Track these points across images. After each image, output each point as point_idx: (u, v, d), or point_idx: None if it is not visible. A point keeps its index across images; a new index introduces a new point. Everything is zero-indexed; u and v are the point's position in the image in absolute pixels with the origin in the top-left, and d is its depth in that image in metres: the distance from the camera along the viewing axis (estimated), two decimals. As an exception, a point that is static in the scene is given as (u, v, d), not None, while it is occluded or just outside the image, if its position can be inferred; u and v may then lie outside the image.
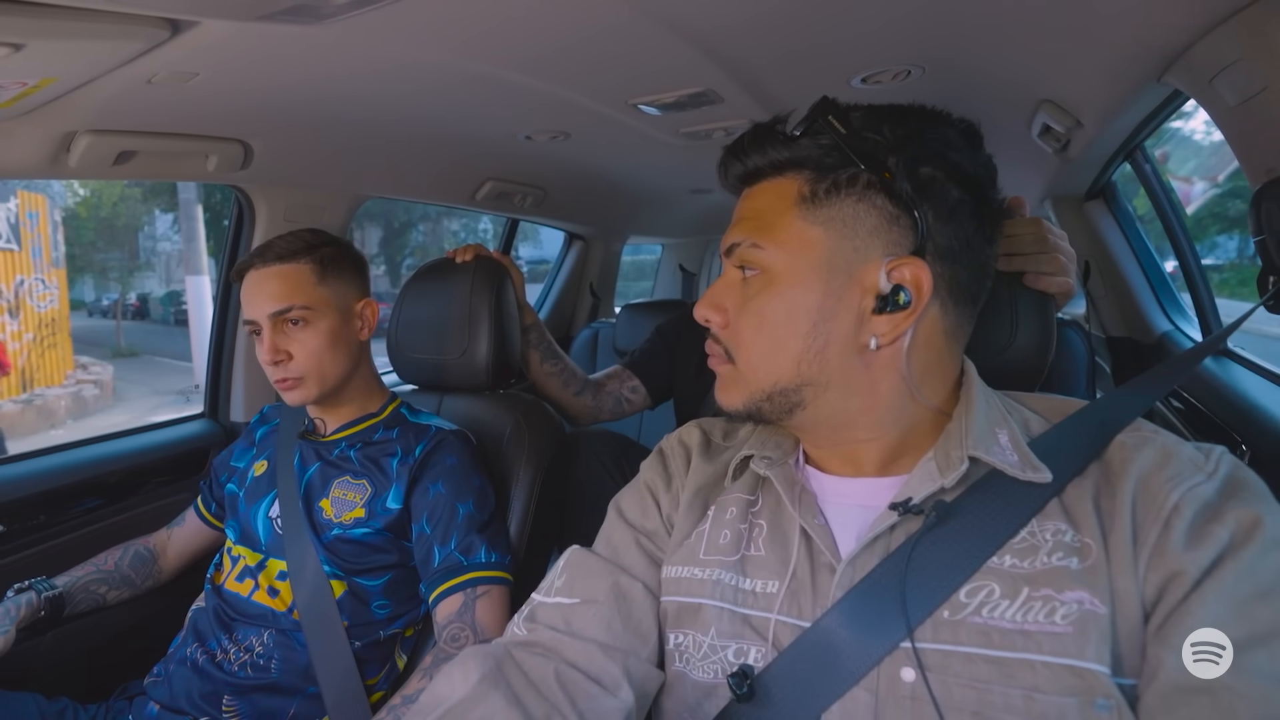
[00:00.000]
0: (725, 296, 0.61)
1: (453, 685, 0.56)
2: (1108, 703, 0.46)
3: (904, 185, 0.54)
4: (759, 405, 0.59)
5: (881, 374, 0.57)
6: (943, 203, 0.55)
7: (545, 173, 1.82)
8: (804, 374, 0.57)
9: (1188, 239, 1.69)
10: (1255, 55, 0.76)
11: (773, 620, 0.57)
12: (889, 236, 0.55)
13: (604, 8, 0.79)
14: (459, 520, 0.98)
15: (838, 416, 0.59)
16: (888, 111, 0.57)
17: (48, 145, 1.00)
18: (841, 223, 0.55)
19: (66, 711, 0.95)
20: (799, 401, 0.58)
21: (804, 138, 0.57)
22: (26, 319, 6.98)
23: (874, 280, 0.54)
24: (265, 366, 1.01)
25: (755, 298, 0.58)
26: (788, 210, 0.57)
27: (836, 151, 0.55)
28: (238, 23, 0.73)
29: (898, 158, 0.54)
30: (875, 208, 0.55)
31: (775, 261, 0.57)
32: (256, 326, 1.01)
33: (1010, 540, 0.52)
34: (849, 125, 0.55)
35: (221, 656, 0.97)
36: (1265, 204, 0.74)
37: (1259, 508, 0.48)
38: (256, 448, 1.15)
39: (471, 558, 0.96)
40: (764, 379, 0.58)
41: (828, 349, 0.56)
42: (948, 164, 0.55)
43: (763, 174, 0.60)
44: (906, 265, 0.54)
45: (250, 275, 1.02)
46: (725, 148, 0.62)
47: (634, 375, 1.44)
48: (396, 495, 1.00)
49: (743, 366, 0.59)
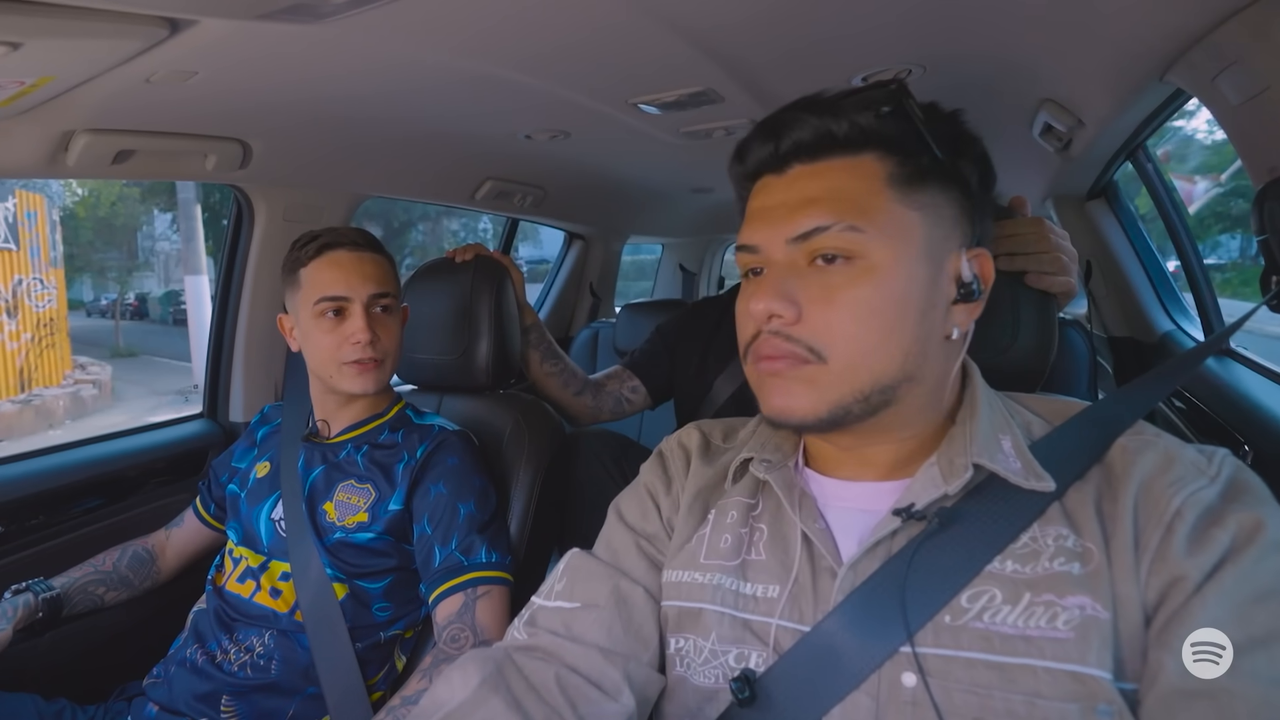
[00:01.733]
0: (797, 288, 0.54)
1: (453, 689, 0.56)
2: (1109, 708, 0.46)
3: (974, 178, 0.56)
4: (849, 408, 0.54)
5: (950, 366, 0.58)
6: (986, 201, 0.58)
7: (545, 172, 1.82)
8: (908, 368, 0.54)
9: (1190, 238, 1.69)
10: (1258, 54, 0.75)
11: (774, 625, 0.57)
12: (964, 228, 0.56)
13: (604, 7, 0.79)
14: (460, 520, 0.97)
15: (911, 414, 0.57)
16: (931, 107, 0.57)
17: (46, 144, 1.00)
18: (935, 209, 0.55)
19: (65, 712, 0.95)
20: (891, 399, 0.54)
21: (889, 117, 0.54)
22: (25, 319, 6.98)
23: (956, 269, 0.55)
24: (348, 346, 1.00)
25: (851, 287, 0.53)
26: (881, 191, 0.53)
27: (915, 137, 0.54)
28: (237, 22, 0.73)
29: (962, 149, 0.56)
30: (953, 199, 0.56)
31: (875, 247, 0.52)
32: (343, 304, 1.00)
33: (1012, 545, 0.52)
34: (920, 110, 0.56)
35: (221, 657, 0.96)
36: (1268, 203, 0.74)
37: (1260, 511, 0.47)
38: (258, 448, 1.14)
39: (472, 558, 0.95)
40: (865, 377, 0.53)
41: (929, 339, 0.55)
42: (988, 165, 0.58)
43: (829, 149, 0.55)
44: (979, 256, 0.56)
45: (340, 254, 1.01)
46: (765, 121, 0.57)
47: (634, 375, 1.44)
48: (399, 498, 1.00)
49: (838, 365, 0.53)
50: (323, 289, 1.00)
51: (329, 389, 1.06)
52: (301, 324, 1.03)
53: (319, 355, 1.02)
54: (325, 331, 1.00)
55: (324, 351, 1.01)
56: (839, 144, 0.55)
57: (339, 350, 1.00)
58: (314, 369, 1.05)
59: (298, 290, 1.03)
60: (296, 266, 1.03)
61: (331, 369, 1.02)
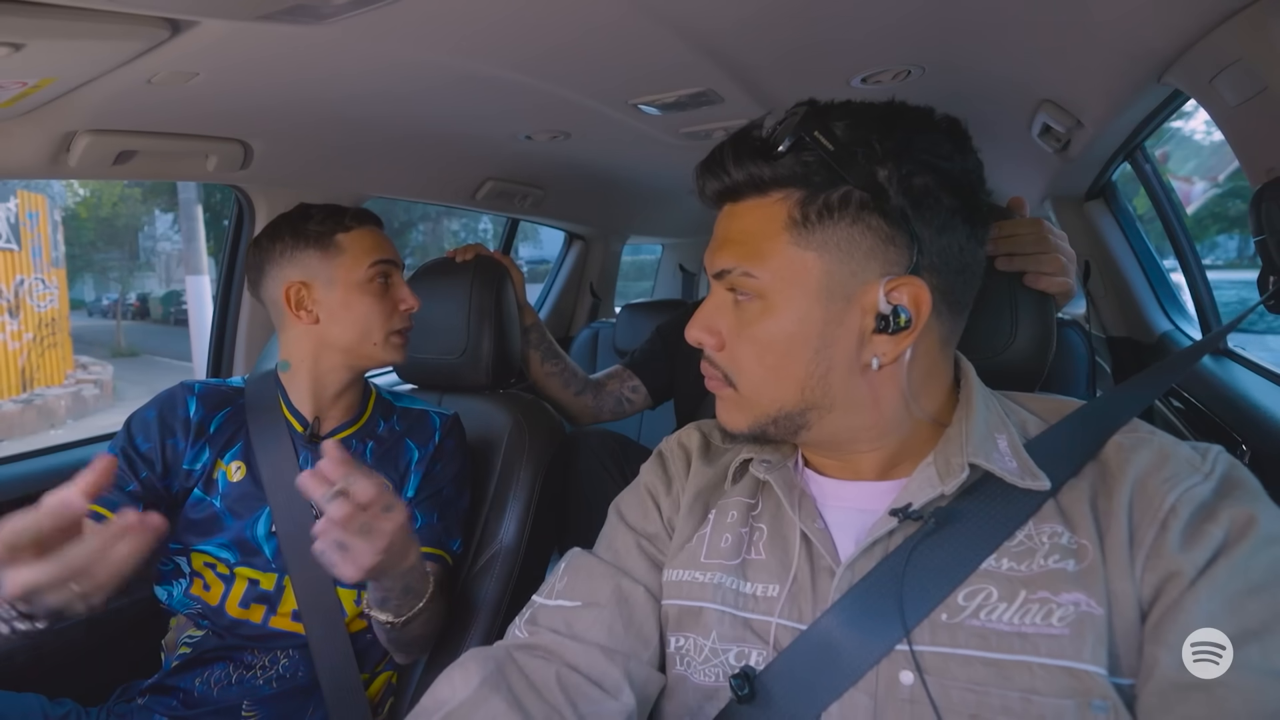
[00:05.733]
0: (718, 319, 0.59)
1: (454, 688, 0.56)
2: (1104, 704, 0.46)
3: (899, 201, 0.52)
4: (764, 429, 0.59)
5: (883, 390, 0.57)
6: (936, 215, 0.53)
7: (545, 173, 1.82)
8: (808, 398, 0.56)
9: (1188, 239, 1.69)
10: (1256, 55, 0.76)
11: (774, 624, 0.57)
12: (886, 257, 0.53)
13: (604, 7, 0.79)
14: (445, 498, 1.02)
15: (842, 433, 0.59)
16: (873, 117, 0.54)
17: (48, 145, 1.00)
18: (836, 246, 0.53)
19: (71, 714, 0.93)
20: (804, 424, 0.58)
21: (788, 154, 0.53)
22: (26, 319, 6.98)
23: (873, 301, 0.53)
24: (398, 314, 1.01)
25: (753, 325, 0.56)
26: (778, 235, 0.54)
27: (824, 169, 0.52)
28: (238, 23, 0.73)
29: (890, 172, 0.52)
30: (870, 229, 0.52)
31: (770, 288, 0.55)
32: (392, 270, 1.01)
33: (1007, 543, 0.53)
34: (834, 138, 0.52)
35: (244, 673, 0.94)
36: (1265, 204, 0.74)
37: (1254, 506, 0.48)
38: (210, 444, 0.98)
39: (451, 540, 1.01)
40: (767, 404, 0.57)
41: (831, 372, 0.55)
42: (940, 173, 0.53)
43: (744, 192, 0.57)
44: (905, 285, 0.53)
45: (368, 230, 1.02)
46: (700, 164, 0.59)
47: (634, 375, 1.44)
48: (412, 487, 1.02)
49: (745, 391, 0.58)
50: (376, 252, 0.99)
51: (343, 369, 1.00)
52: (340, 293, 0.97)
53: (363, 324, 0.97)
54: (376, 296, 0.98)
55: (373, 319, 0.98)
56: (753, 186, 0.56)
57: (389, 319, 0.99)
58: (347, 342, 0.98)
59: (336, 255, 0.98)
60: (334, 231, 0.99)
61: (377, 337, 0.99)
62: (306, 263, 0.98)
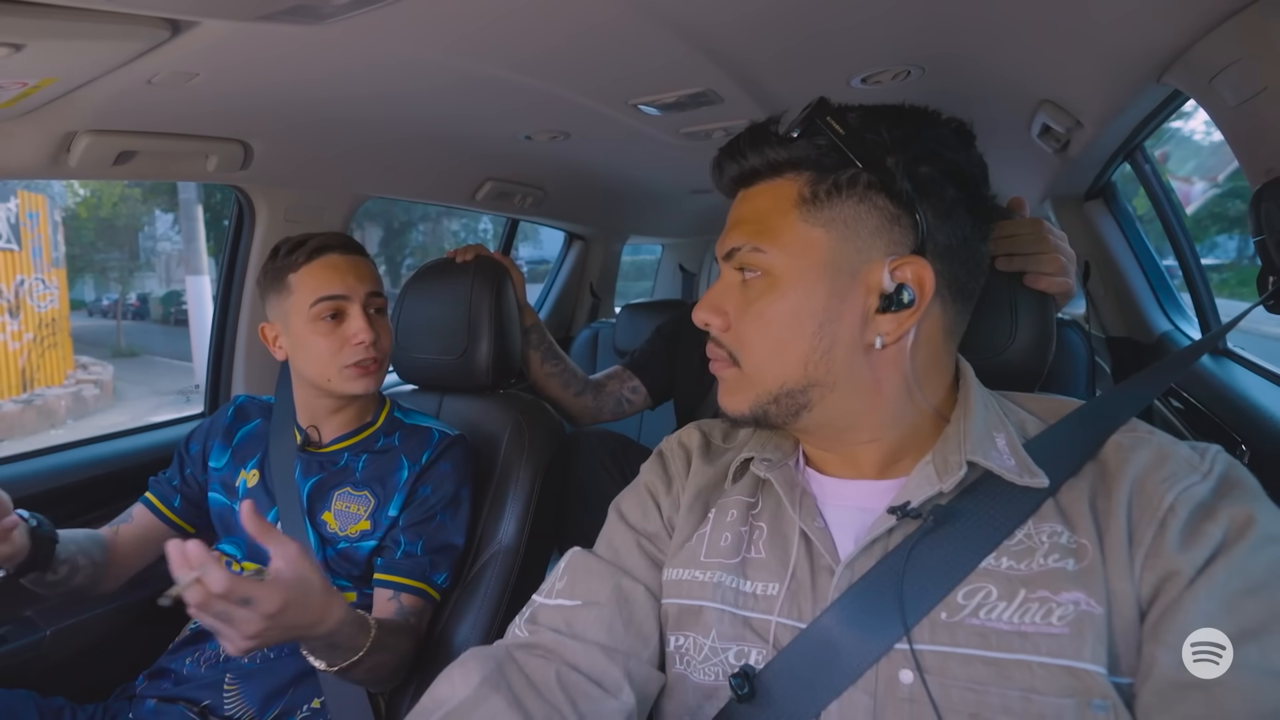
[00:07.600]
0: (725, 299, 0.60)
1: (454, 687, 0.56)
2: (1104, 703, 0.46)
3: (904, 185, 0.54)
4: (765, 409, 0.59)
5: (886, 373, 0.57)
6: (941, 201, 0.55)
7: (545, 173, 1.82)
8: (810, 375, 0.57)
9: (1187, 239, 1.69)
10: (1255, 56, 0.76)
11: (773, 623, 0.57)
12: (890, 236, 0.55)
13: (603, 7, 0.79)
14: (433, 527, 1.01)
15: (843, 418, 0.59)
16: (883, 112, 0.57)
17: (48, 145, 1.00)
18: (843, 224, 0.55)
19: (64, 711, 0.94)
20: (805, 403, 0.58)
21: (802, 138, 0.56)
22: (27, 319, 6.98)
23: (878, 280, 0.55)
24: (350, 348, 0.99)
25: (758, 300, 0.58)
26: (788, 212, 0.56)
27: (835, 152, 0.55)
28: (238, 23, 0.73)
29: (896, 158, 0.54)
30: (876, 208, 0.55)
31: (778, 264, 0.56)
32: (342, 304, 1.00)
33: (1007, 542, 0.53)
34: (846, 125, 0.55)
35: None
36: (1265, 204, 0.74)
37: (1252, 505, 0.48)
38: (234, 452, 1.09)
39: (436, 574, 0.99)
40: (770, 381, 0.58)
41: (834, 349, 0.56)
42: (944, 163, 0.56)
43: (759, 175, 0.59)
44: (909, 264, 0.54)
45: (333, 256, 1.01)
46: (720, 149, 0.62)
47: (634, 375, 1.44)
48: (398, 503, 1.01)
49: (748, 369, 0.59)
50: (320, 289, 0.99)
51: (324, 394, 1.03)
52: (293, 330, 1.01)
53: (316, 361, 1.00)
54: (323, 335, 0.99)
55: (323, 355, 0.99)
56: (768, 169, 0.59)
57: (339, 353, 0.99)
58: (309, 376, 1.02)
59: (287, 296, 1.01)
60: (285, 273, 1.01)
61: (331, 373, 1.00)
62: (270, 303, 1.04)
